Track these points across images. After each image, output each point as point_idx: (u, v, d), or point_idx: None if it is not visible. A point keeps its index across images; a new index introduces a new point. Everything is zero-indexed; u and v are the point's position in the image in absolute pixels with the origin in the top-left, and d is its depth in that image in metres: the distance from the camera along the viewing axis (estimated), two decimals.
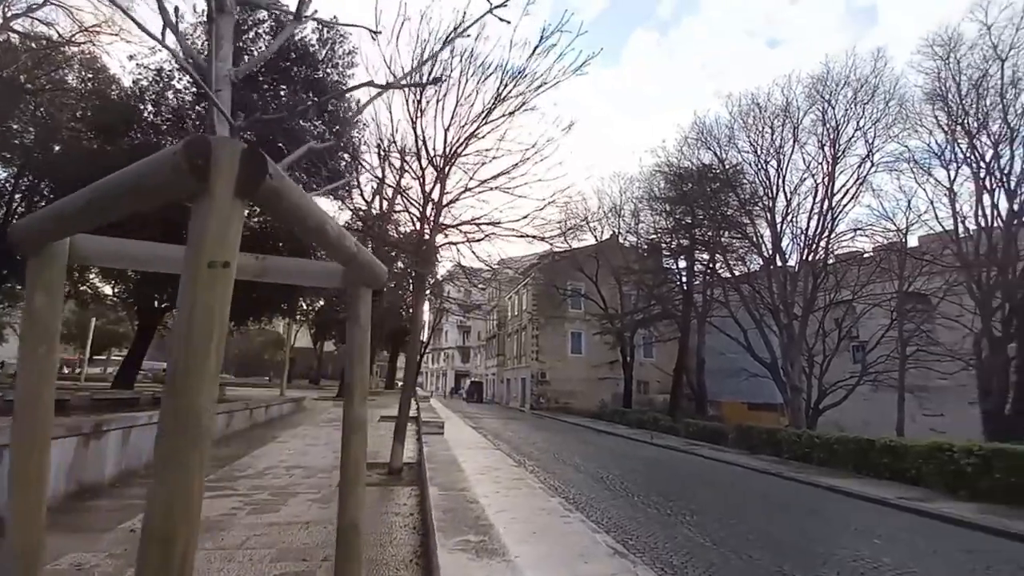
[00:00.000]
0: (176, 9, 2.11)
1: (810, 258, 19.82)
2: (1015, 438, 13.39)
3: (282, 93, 18.02)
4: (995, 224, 15.97)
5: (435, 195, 9.48)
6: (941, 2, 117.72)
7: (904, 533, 7.86)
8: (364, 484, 1.56)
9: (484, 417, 28.54)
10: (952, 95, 16.44)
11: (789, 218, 20.64)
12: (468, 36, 6.69)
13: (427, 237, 9.58)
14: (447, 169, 9.31)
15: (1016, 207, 15.39)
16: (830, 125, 19.08)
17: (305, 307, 32.35)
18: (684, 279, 28.43)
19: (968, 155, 16.46)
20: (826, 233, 19.37)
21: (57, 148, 16.93)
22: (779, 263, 20.72)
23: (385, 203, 19.62)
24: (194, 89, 16.28)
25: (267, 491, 7.16)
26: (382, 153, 11.41)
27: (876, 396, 20.38)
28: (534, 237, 10.08)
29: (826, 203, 19.17)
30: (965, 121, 16.25)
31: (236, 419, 13.43)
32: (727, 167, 22.79)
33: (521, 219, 9.65)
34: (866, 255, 20.76)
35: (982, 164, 16.12)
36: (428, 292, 24.06)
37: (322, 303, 31.82)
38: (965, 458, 10.43)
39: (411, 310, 13.74)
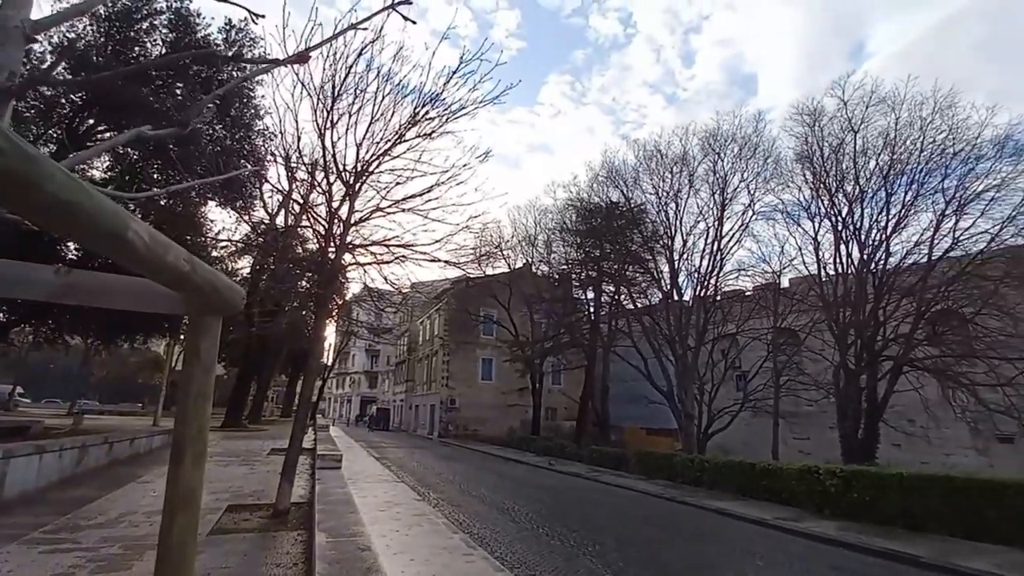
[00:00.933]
0: None
1: (702, 294, 21.57)
2: (865, 459, 15.23)
3: (178, 92, 16.50)
4: (849, 271, 18.45)
5: (343, 213, 9.04)
6: (806, 77, 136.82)
7: (780, 553, 8.48)
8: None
9: (389, 447, 27.24)
10: (817, 158, 19.00)
11: (685, 256, 22.42)
12: (365, 29, 6.64)
13: (331, 256, 9.04)
14: (358, 186, 8.93)
15: (865, 257, 17.93)
16: (719, 175, 21.22)
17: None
18: (592, 309, 29.57)
19: (829, 210, 18.99)
20: (716, 272, 21.29)
21: None
22: (676, 297, 22.30)
23: (291, 218, 18.45)
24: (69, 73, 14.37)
25: (119, 543, 6.13)
26: (289, 165, 10.74)
27: (755, 421, 22.31)
28: (447, 262, 9.93)
29: (716, 245, 21.13)
30: (827, 181, 18.80)
31: (91, 455, 11.56)
32: (632, 206, 24.35)
33: (434, 243, 9.46)
34: (747, 293, 23.02)
35: (840, 218, 18.67)
36: (334, 314, 22.79)
37: None
38: (829, 479, 11.61)
39: (312, 332, 12.85)
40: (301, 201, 10.47)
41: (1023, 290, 16.29)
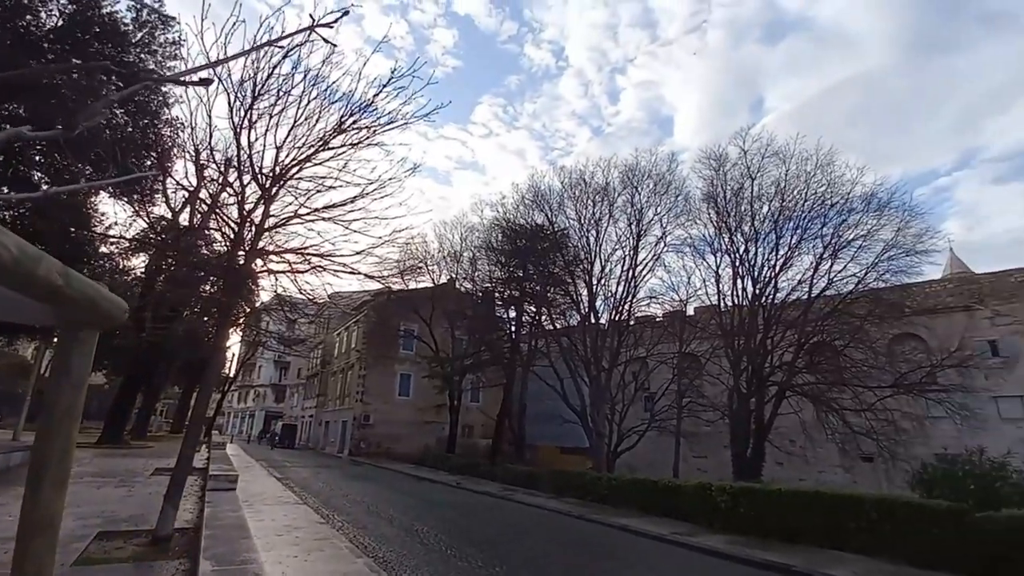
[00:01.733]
0: None
1: (617, 318, 22.69)
2: (753, 476, 16.59)
3: (74, 71, 14.89)
4: (744, 303, 20.31)
5: (257, 216, 8.58)
6: (715, 123, 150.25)
7: (674, 567, 9.01)
8: None
9: (293, 466, 25.59)
10: (720, 199, 20.92)
11: (603, 282, 23.55)
12: (282, 48, 6.65)
13: (240, 262, 8.53)
14: (274, 190, 8.54)
15: (757, 291, 19.87)
16: (636, 207, 22.68)
17: None
18: (513, 328, 29.94)
19: (729, 247, 20.92)
20: (630, 297, 22.55)
21: None
22: (593, 320, 23.25)
23: (198, 218, 17.24)
24: None
25: None
26: (198, 161, 10.07)
27: (660, 440, 23.60)
28: (367, 275, 9.68)
29: (631, 272, 22.43)
30: (728, 221, 20.72)
31: None
32: (556, 230, 25.20)
33: (355, 254, 9.21)
34: (657, 319, 24.54)
35: (738, 255, 20.61)
36: (240, 322, 21.29)
37: None
38: (720, 496, 12.49)
39: (214, 341, 11.92)
40: (209, 201, 9.83)
41: (883, 327, 18.81)
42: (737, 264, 20.40)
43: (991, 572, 8.08)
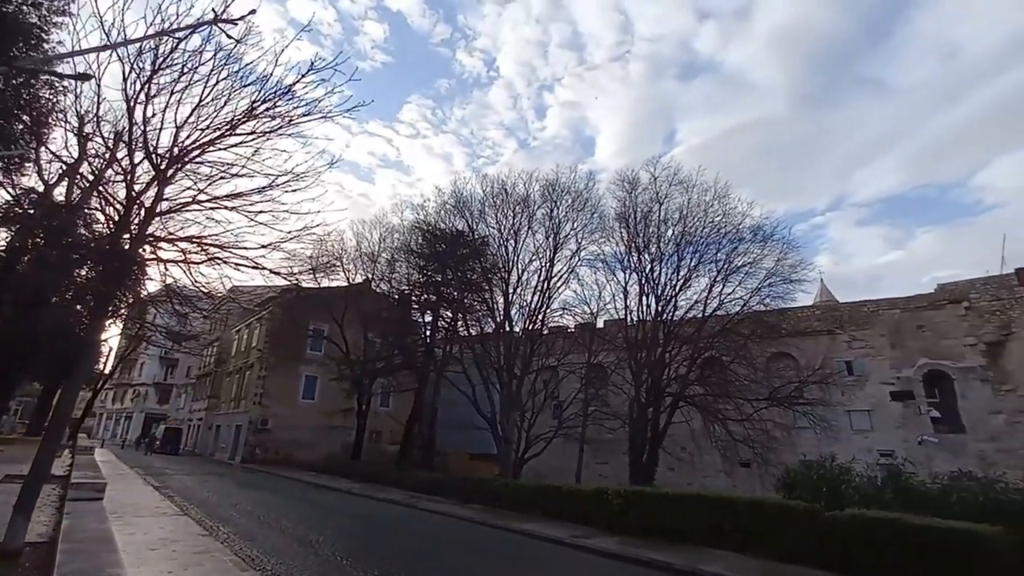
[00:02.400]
0: None
1: (531, 327, 23.28)
2: (647, 481, 17.71)
3: None
4: (648, 318, 21.72)
5: (148, 199, 7.86)
6: (632, 149, 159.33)
7: (570, 568, 9.40)
8: None
9: (176, 473, 23.33)
10: (632, 220, 22.33)
11: (519, 291, 24.14)
12: (177, 39, 6.60)
13: (125, 247, 7.77)
14: (171, 173, 7.88)
15: (659, 308, 21.39)
16: (554, 221, 23.57)
17: None
18: (428, 333, 29.62)
19: (637, 266, 22.36)
20: (544, 308, 23.26)
21: None
22: (507, 329, 23.66)
23: (76, 193, 15.42)
24: None
25: None
26: (82, 131, 9.07)
27: (566, 447, 24.46)
28: (272, 271, 9.17)
29: (546, 283, 23.23)
30: (638, 241, 22.15)
31: None
32: (476, 237, 25.41)
33: (261, 248, 8.67)
34: (569, 331, 25.51)
35: (644, 274, 22.12)
36: (120, 314, 19.21)
37: None
38: (616, 500, 13.18)
39: (87, 333, 10.66)
40: (92, 177, 8.85)
41: (763, 346, 20.97)
42: (643, 282, 21.83)
43: (839, 564, 9.26)
